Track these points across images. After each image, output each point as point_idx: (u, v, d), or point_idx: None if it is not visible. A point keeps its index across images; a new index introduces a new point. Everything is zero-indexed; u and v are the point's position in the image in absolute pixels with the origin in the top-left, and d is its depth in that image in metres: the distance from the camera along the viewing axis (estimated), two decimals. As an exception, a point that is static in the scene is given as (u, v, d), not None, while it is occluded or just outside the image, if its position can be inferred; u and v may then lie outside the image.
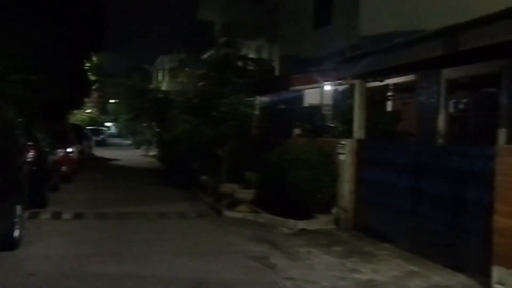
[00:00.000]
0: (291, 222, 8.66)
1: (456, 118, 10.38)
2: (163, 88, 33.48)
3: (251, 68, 18.47)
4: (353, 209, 8.46)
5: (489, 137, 8.33)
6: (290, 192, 8.98)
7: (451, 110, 10.71)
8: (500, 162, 5.32)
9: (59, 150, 13.80)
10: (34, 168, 9.13)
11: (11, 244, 6.24)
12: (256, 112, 11.82)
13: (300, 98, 12.81)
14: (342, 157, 8.63)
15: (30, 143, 9.13)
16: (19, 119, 8.35)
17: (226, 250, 7.11)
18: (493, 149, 5.61)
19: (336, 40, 14.31)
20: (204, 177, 12.23)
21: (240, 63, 19.55)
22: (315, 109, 12.63)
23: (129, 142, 45.78)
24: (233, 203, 9.93)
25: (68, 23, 18.80)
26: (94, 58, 29.38)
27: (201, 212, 10.04)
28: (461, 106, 10.85)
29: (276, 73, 18.39)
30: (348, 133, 8.99)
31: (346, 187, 8.54)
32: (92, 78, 30.33)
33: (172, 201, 11.56)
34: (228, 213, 9.59)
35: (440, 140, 10.10)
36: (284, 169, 9.17)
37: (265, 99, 15.52)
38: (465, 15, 6.48)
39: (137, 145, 37.93)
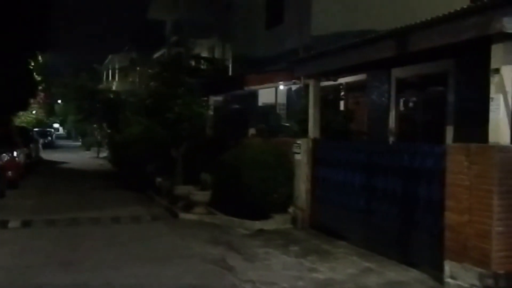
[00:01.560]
0: (248, 223, 8.64)
1: (405, 116, 10.68)
2: (114, 88, 32.66)
3: (203, 67, 18.32)
4: (309, 208, 8.54)
5: (438, 134, 8.63)
6: (247, 192, 8.93)
7: (401, 108, 11.03)
8: (450, 160, 5.49)
9: (4, 154, 13.20)
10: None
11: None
12: (210, 112, 11.71)
13: (254, 98, 12.79)
14: (298, 156, 8.69)
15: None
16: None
17: (182, 253, 6.98)
18: (443, 148, 5.79)
19: (288, 39, 14.39)
20: (159, 179, 12.00)
21: (192, 63, 19.36)
22: (270, 109, 12.67)
23: (78, 143, 44.46)
24: (189, 205, 9.79)
25: (11, 21, 17.98)
26: (40, 58, 28.21)
27: (156, 215, 9.84)
28: (410, 104, 11.19)
29: (230, 72, 18.31)
30: (303, 133, 9.06)
31: (302, 186, 8.61)
32: (38, 78, 29.16)
33: (125, 204, 11.27)
34: (184, 216, 9.44)
35: (391, 138, 10.38)
36: (240, 170, 9.13)
37: (218, 98, 15.42)
38: (413, 16, 6.69)
39: (87, 146, 36.87)
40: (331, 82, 9.92)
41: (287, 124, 10.92)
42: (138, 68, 32.48)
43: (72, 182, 16.07)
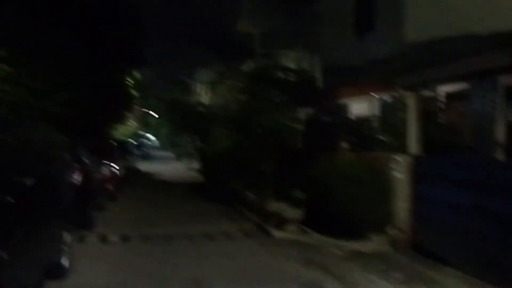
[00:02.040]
0: (343, 243, 8.23)
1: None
2: (203, 101, 33.55)
3: (291, 79, 18.13)
4: (411, 229, 7.95)
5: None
6: (341, 210, 8.54)
7: (510, 119, 10.05)
8: None
9: (104, 167, 13.85)
10: (80, 189, 9.10)
11: (59, 273, 6.09)
12: (299, 126, 11.45)
13: (345, 110, 12.35)
14: (397, 173, 8.15)
15: (75, 164, 9.10)
16: (65, 139, 8.33)
17: (276, 276, 6.75)
18: None
19: (380, 47, 13.77)
20: (248, 194, 11.93)
21: (280, 74, 19.25)
22: (362, 122, 12.14)
23: (170, 155, 46.24)
24: (281, 222, 9.57)
25: (110, 39, 19.06)
26: (136, 73, 29.78)
27: (248, 232, 9.71)
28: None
29: (318, 83, 17.96)
30: (401, 147, 8.51)
31: (402, 205, 8.05)
32: (134, 92, 30.78)
33: (217, 219, 11.31)
34: (276, 233, 9.22)
35: (499, 152, 9.46)
36: (333, 186, 8.77)
37: (307, 111, 15.13)
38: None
39: (179, 158, 38.17)
40: (429, 93, 9.27)
41: (382, 138, 10.36)
42: (226, 82, 33.13)
43: (166, 194, 16.58)
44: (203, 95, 37.86)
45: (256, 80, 13.07)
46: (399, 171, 8.07)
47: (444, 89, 10.35)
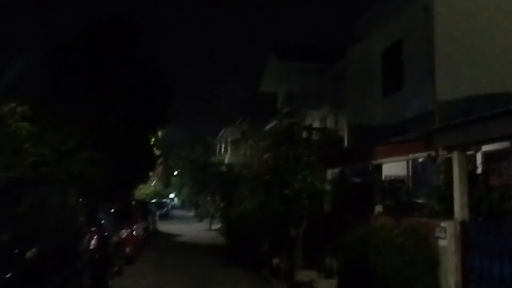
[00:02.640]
0: (385, 320, 7.32)
1: None
2: (226, 160, 33.28)
3: (316, 138, 17.65)
4: (461, 306, 7.02)
5: None
6: (379, 282, 7.70)
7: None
8: None
9: (123, 230, 13.30)
10: (96, 255, 8.51)
11: None
12: (329, 187, 10.79)
13: (378, 171, 11.66)
14: (442, 242, 7.34)
15: (92, 228, 8.57)
16: (81, 201, 7.85)
17: None
18: None
19: (409, 107, 13.30)
20: (276, 260, 11.11)
21: (305, 134, 18.80)
22: (398, 183, 11.40)
23: (191, 214, 45.59)
24: (312, 294, 8.72)
25: (135, 100, 19.06)
26: (159, 133, 29.81)
27: (276, 304, 8.87)
28: None
29: (345, 143, 17.42)
30: (445, 213, 7.73)
31: (450, 279, 7.16)
32: (157, 152, 30.68)
33: (241, 286, 10.47)
34: (307, 307, 8.37)
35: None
36: (370, 255, 7.98)
37: (335, 171, 14.47)
38: None
39: (199, 218, 37.49)
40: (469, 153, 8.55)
41: (420, 201, 9.59)
42: (249, 141, 32.95)
43: (186, 257, 15.79)
44: (227, 154, 37.65)
45: (280, 139, 12.58)
46: (445, 239, 7.26)
47: (483, 149, 9.67)
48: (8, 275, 3.44)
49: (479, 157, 9.12)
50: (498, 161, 10.10)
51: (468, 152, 8.65)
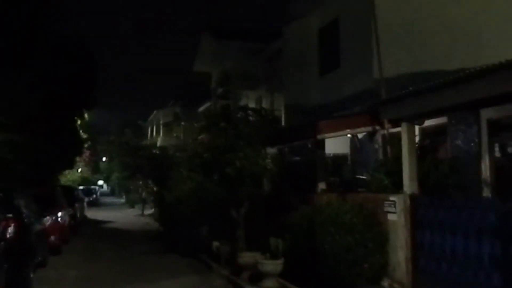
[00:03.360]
0: (335, 301, 7.01)
1: (504, 164, 9.04)
2: (159, 144, 32.11)
3: (252, 119, 17.22)
4: (411, 282, 6.85)
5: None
6: (327, 261, 7.38)
7: (497, 155, 9.39)
8: None
9: (47, 217, 12.17)
10: (13, 245, 7.52)
11: None
12: (271, 165, 10.33)
13: (320, 148, 11.40)
14: (392, 216, 7.12)
15: (8, 215, 7.55)
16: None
17: None
18: None
19: (346, 85, 13.20)
20: (216, 244, 10.55)
21: (240, 114, 18.31)
22: (341, 160, 11.19)
23: (122, 201, 43.94)
24: (257, 277, 8.26)
25: (58, 80, 17.64)
26: (86, 115, 28.08)
27: (219, 288, 8.33)
28: (509, 150, 9.55)
29: (282, 123, 17.12)
30: (393, 187, 7.53)
31: (400, 254, 6.98)
32: (84, 136, 28.96)
33: (180, 274, 9.84)
34: (252, 290, 7.89)
35: (486, 190, 8.71)
36: (317, 234, 7.63)
37: (273, 151, 14.11)
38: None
39: (131, 204, 36.13)
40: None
41: (364, 177, 9.42)
42: (183, 123, 31.99)
43: (118, 245, 14.85)
44: (159, 137, 36.41)
45: (215, 120, 11.99)
46: (395, 214, 7.04)
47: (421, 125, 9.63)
48: None
49: (417, 132, 9.04)
50: (435, 136, 10.16)
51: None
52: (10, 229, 7.45)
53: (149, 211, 27.08)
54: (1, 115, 13.69)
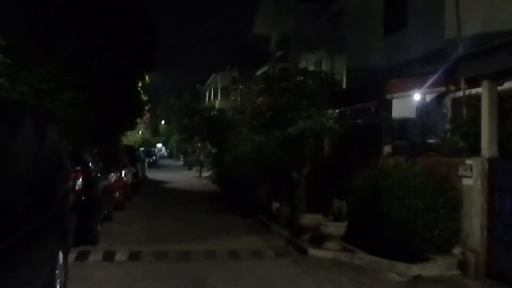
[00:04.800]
0: (401, 266, 6.74)
1: None
2: (218, 106, 32.29)
3: (313, 81, 16.80)
4: (486, 250, 6.45)
5: None
6: (393, 226, 7.07)
7: None
8: None
9: (112, 174, 12.52)
10: (82, 197, 7.73)
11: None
12: (337, 127, 9.96)
13: (386, 109, 10.89)
14: (467, 181, 6.67)
15: (77, 168, 7.74)
16: (65, 141, 6.98)
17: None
18: None
19: (414, 46, 12.45)
20: (275, 205, 10.46)
21: (299, 77, 17.94)
22: (408, 123, 10.65)
23: (180, 163, 44.98)
24: (318, 239, 8.09)
25: (121, 42, 17.91)
26: (147, 78, 28.54)
27: (279, 249, 8.24)
28: None
29: (343, 86, 16.60)
30: (469, 150, 7.04)
31: (475, 221, 6.55)
32: (145, 98, 29.55)
33: (239, 233, 9.86)
34: (314, 252, 7.73)
35: None
36: (382, 198, 7.31)
37: (337, 114, 13.71)
38: None
39: (189, 166, 36.90)
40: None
41: (433, 141, 8.90)
42: (240, 86, 31.89)
43: (178, 204, 15.18)
44: (217, 101, 36.60)
45: (275, 81, 11.71)
46: (470, 178, 6.59)
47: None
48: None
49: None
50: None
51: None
52: (79, 182, 7.66)
53: (206, 173, 27.53)
54: (68, 75, 14.04)
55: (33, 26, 15.45)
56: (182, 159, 45.15)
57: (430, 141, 9.25)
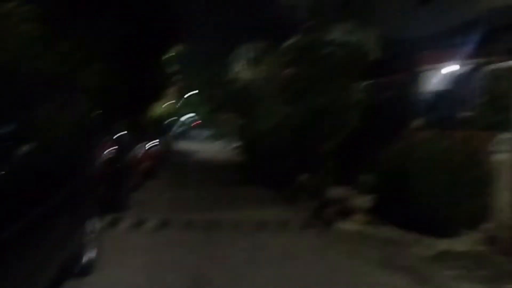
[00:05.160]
0: (428, 240, 6.70)
1: None
2: (245, 77, 32.15)
3: (342, 53, 16.49)
4: (516, 227, 6.34)
5: None
6: (421, 200, 7.00)
7: None
8: None
9: (141, 144, 12.74)
10: (113, 167, 7.92)
11: (81, 271, 4.85)
12: (365, 97, 9.81)
13: (415, 82, 10.67)
14: (499, 156, 6.52)
15: (108, 138, 7.91)
16: (96, 112, 7.12)
17: (352, 282, 5.31)
18: None
19: (449, 15, 11.99)
20: (303, 177, 10.48)
21: (328, 49, 17.64)
22: (438, 97, 10.41)
23: (210, 133, 45.30)
24: (344, 211, 8.11)
25: (151, 13, 17.93)
26: (176, 50, 28.55)
27: (305, 221, 8.27)
28: None
29: (376, 56, 16.23)
30: (502, 125, 6.85)
31: (506, 196, 6.43)
32: (174, 69, 29.64)
33: (266, 204, 9.94)
34: (340, 224, 7.76)
35: None
36: (410, 172, 7.22)
37: (366, 86, 13.49)
38: None
39: (218, 137, 37.12)
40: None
41: (464, 115, 8.70)
42: (268, 57, 31.59)
43: (206, 174, 15.41)
44: (244, 71, 36.44)
45: (303, 52, 11.53)
46: (503, 153, 6.44)
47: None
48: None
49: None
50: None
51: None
52: (110, 152, 7.83)
53: (234, 144, 27.67)
54: (97, 45, 14.17)
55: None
56: (211, 130, 45.43)
57: (462, 114, 9.04)
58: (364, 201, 7.73)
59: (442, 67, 9.18)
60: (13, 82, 3.42)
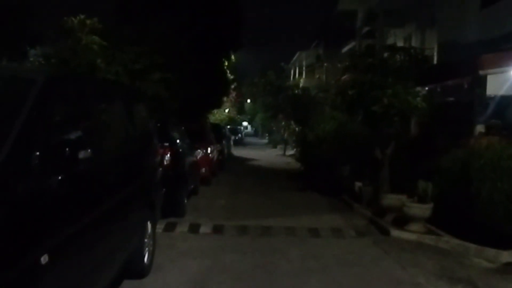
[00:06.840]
0: (491, 251, 6.39)
1: None
2: (301, 85, 32.15)
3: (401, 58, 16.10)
4: None
5: None
6: (483, 209, 6.71)
7: None
8: None
9: (198, 150, 13.00)
10: (170, 172, 8.13)
11: (138, 272, 5.03)
12: (424, 104, 9.50)
13: (480, 86, 10.21)
14: None
15: (165, 145, 8.14)
16: (153, 118, 7.36)
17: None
18: None
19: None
20: (358, 184, 10.31)
21: (387, 54, 17.31)
22: (505, 101, 9.93)
23: (265, 141, 45.56)
24: (401, 220, 7.88)
25: (208, 21, 18.34)
26: (232, 57, 29.00)
27: (360, 229, 8.15)
28: None
29: (436, 61, 15.74)
30: None
31: None
32: (231, 77, 30.11)
33: (320, 211, 9.86)
34: (396, 233, 7.57)
35: None
36: (472, 179, 6.93)
37: (424, 91, 13.08)
38: None
39: (273, 144, 37.27)
40: None
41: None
42: (325, 64, 31.43)
43: (261, 181, 15.46)
44: (301, 79, 36.43)
45: (360, 58, 11.34)
46: None
47: None
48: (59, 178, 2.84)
49: None
50: None
51: None
52: (167, 157, 8.07)
53: (290, 151, 27.65)
54: (157, 55, 14.68)
55: (125, 8, 16.35)
56: (267, 137, 45.69)
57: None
58: (421, 209, 7.47)
59: (507, 71, 8.72)
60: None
